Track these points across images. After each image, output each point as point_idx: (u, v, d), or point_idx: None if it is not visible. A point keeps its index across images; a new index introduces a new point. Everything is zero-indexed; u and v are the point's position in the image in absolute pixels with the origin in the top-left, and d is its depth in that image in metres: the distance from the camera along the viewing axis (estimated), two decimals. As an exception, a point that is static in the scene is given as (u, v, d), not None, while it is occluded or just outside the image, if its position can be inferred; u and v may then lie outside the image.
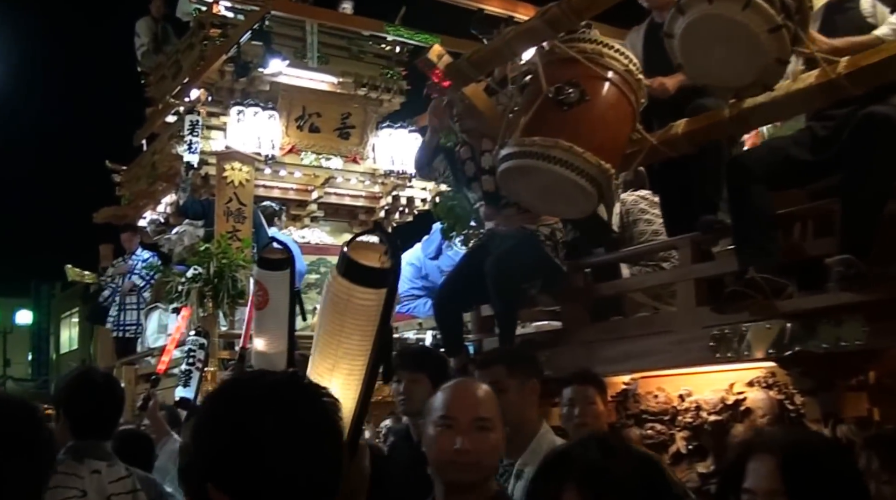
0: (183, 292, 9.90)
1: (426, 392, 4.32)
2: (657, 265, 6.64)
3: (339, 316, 2.41)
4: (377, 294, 2.37)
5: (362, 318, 2.40)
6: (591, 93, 5.20)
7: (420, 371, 4.60)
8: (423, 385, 4.48)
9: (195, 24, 12.75)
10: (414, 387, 4.55)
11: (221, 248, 9.88)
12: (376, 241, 2.47)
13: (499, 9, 7.93)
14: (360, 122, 12.93)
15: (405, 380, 4.63)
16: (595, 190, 5.17)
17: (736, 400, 5.53)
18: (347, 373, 2.35)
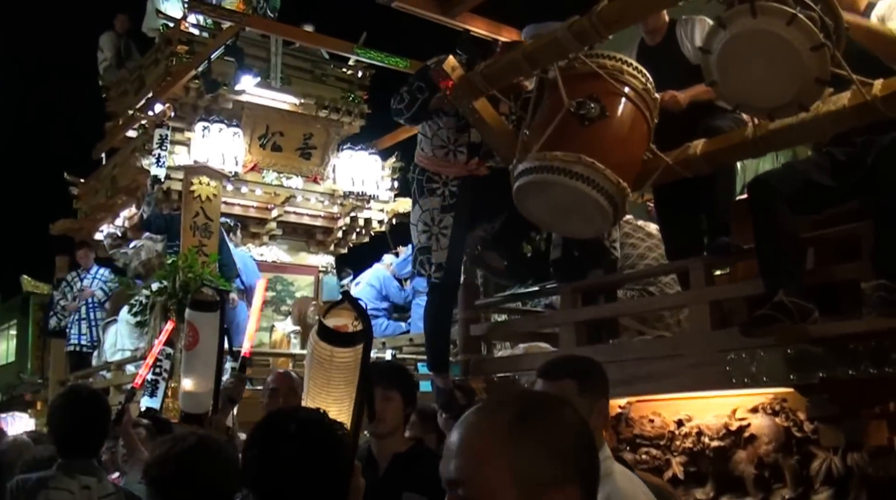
0: (147, 306, 9.34)
1: (398, 412, 4.05)
2: (644, 290, 6.32)
3: (325, 372, 3.01)
4: (355, 351, 2.96)
5: (345, 371, 2.98)
6: (611, 109, 4.87)
7: (393, 388, 4.03)
8: (396, 404, 4.02)
9: (161, 39, 12.26)
10: (386, 405, 3.95)
11: (188, 262, 9.34)
12: (347, 307, 3.09)
13: (484, 30, 7.55)
14: (321, 143, 12.50)
15: (377, 399, 3.86)
16: (612, 209, 4.83)
17: (739, 426, 5.21)
18: (336, 413, 2.84)
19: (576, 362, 3.35)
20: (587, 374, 3.14)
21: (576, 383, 3.05)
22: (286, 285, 12.56)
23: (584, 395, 3.01)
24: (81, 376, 11.65)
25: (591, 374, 3.16)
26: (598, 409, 3.15)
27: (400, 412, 4.02)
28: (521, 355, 6.22)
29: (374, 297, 12.32)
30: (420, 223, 5.94)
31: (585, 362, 3.28)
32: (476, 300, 6.53)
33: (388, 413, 3.94)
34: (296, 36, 11.06)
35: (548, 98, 5.06)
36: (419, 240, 5.93)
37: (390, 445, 4.00)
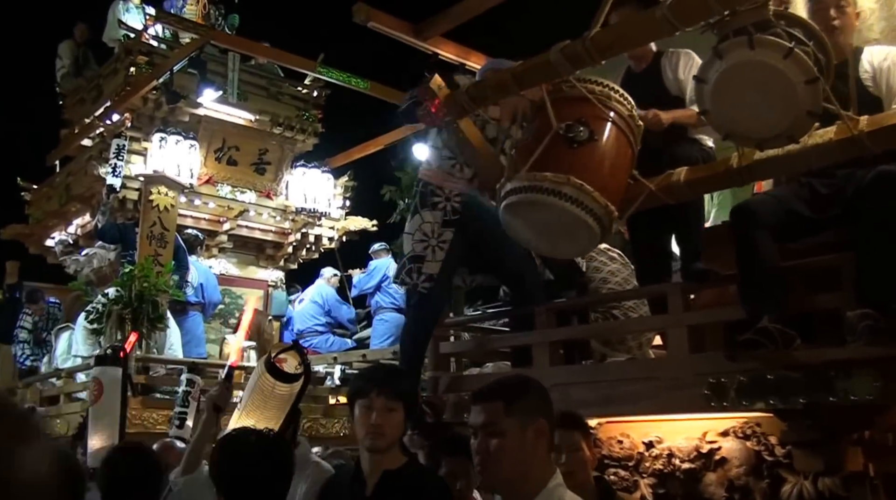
0: (104, 314, 9.02)
1: (399, 425, 3.63)
2: (607, 312, 6.22)
3: (264, 398, 3.77)
4: (292, 387, 3.82)
5: (281, 401, 3.80)
6: (599, 133, 4.78)
7: (397, 399, 3.59)
8: (398, 416, 3.59)
9: (121, 50, 11.93)
10: (388, 418, 3.55)
11: (144, 272, 9.06)
12: (293, 351, 4.01)
13: (453, 55, 7.44)
14: (276, 159, 12.29)
15: (378, 409, 3.54)
16: (599, 230, 4.72)
17: (710, 449, 5.13)
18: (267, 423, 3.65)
19: (507, 383, 3.03)
20: (518, 395, 2.84)
21: (503, 403, 2.77)
22: (235, 299, 12.28)
23: (512, 415, 2.73)
24: (30, 384, 11.22)
25: (522, 395, 2.86)
26: (535, 429, 2.75)
27: (401, 426, 3.65)
28: (489, 374, 6.07)
29: (318, 313, 12.20)
30: (418, 233, 5.78)
31: (518, 383, 2.97)
32: (446, 318, 6.39)
33: (388, 426, 3.55)
34: (260, 52, 10.85)
35: (537, 119, 4.95)
36: (413, 249, 5.76)
37: (384, 461, 3.59)
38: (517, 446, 2.71)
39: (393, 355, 9.64)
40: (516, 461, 2.72)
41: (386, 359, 9.62)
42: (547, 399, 2.90)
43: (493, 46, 7.69)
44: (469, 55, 7.56)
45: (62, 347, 10.76)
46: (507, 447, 2.71)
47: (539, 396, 2.89)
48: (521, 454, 2.72)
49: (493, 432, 2.72)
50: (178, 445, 6.22)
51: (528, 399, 2.83)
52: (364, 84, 10.51)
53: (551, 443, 2.81)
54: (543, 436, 2.76)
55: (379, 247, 12.46)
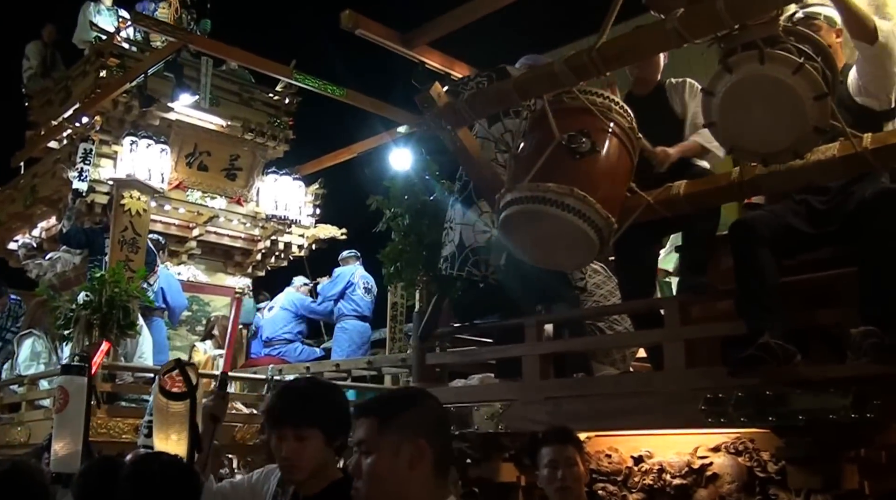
0: (72, 319, 8.81)
1: (317, 452, 3.25)
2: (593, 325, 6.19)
3: (164, 417, 4.14)
4: (184, 404, 4.07)
5: (179, 419, 4.07)
6: (601, 145, 4.75)
7: (310, 426, 3.24)
8: (314, 443, 3.23)
9: (91, 52, 11.70)
10: (300, 448, 3.22)
11: (115, 277, 8.86)
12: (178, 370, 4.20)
13: (438, 64, 7.40)
14: (247, 165, 12.13)
15: (288, 440, 3.24)
16: (599, 242, 4.69)
17: (702, 465, 5.11)
18: (176, 442, 4.05)
19: (389, 396, 2.71)
20: (396, 411, 2.53)
21: (377, 419, 2.49)
22: (202, 305, 12.09)
23: (385, 434, 2.46)
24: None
25: (401, 411, 2.53)
26: (413, 450, 2.45)
27: (319, 452, 3.24)
28: (476, 386, 6.01)
29: (288, 320, 12.05)
30: (479, 223, 5.78)
31: (401, 398, 2.67)
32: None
33: (302, 458, 3.22)
34: (237, 57, 10.69)
35: (537, 130, 4.90)
36: (475, 240, 5.76)
37: (305, 487, 3.34)
38: (388, 467, 2.45)
39: (367, 364, 9.55)
40: (388, 484, 2.45)
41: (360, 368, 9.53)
42: (436, 417, 2.59)
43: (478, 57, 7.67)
44: (454, 65, 7.52)
45: (25, 353, 10.49)
46: (378, 468, 2.46)
47: (425, 413, 2.55)
48: (393, 477, 2.45)
49: (366, 450, 2.49)
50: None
51: (407, 416, 2.52)
52: (340, 91, 10.41)
53: (439, 467, 2.50)
54: (423, 458, 2.45)
55: (348, 254, 12.34)
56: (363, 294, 11.78)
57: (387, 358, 9.97)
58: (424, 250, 6.36)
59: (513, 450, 5.73)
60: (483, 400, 5.75)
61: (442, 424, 2.65)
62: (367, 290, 11.89)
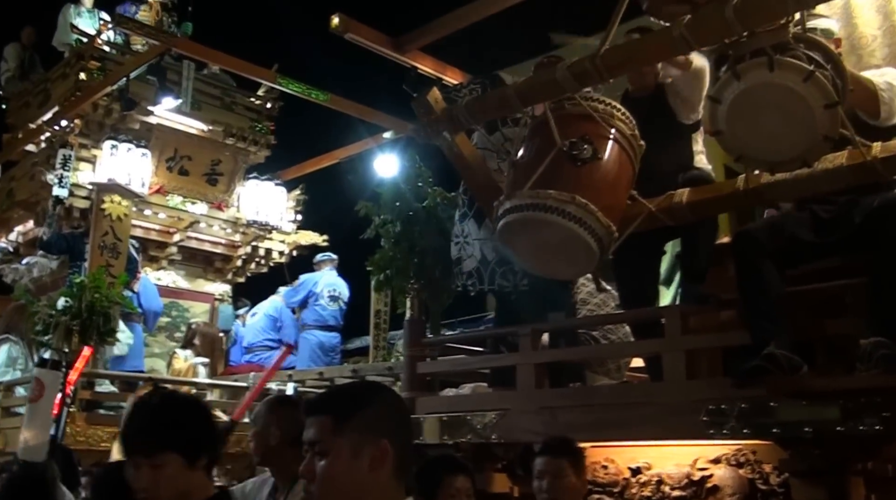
0: (51, 325, 8.66)
1: (174, 479, 2.85)
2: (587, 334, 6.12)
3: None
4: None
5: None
6: (602, 152, 4.68)
7: (163, 451, 2.85)
8: (171, 470, 2.84)
9: (72, 54, 11.54)
10: (154, 476, 2.84)
11: (95, 282, 8.72)
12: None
13: (430, 69, 7.31)
14: (228, 170, 12.02)
15: (141, 468, 2.86)
16: (599, 251, 4.61)
17: (702, 476, 5.03)
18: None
19: (345, 393, 2.42)
20: (353, 409, 2.27)
21: (332, 418, 2.24)
22: (182, 312, 11.94)
23: (342, 433, 2.21)
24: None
25: (360, 408, 2.27)
26: (374, 452, 2.21)
27: (177, 478, 2.84)
28: (468, 395, 5.92)
29: (270, 327, 11.91)
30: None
31: (359, 394, 2.36)
32: (422, 337, 6.23)
33: (158, 487, 2.83)
34: (219, 61, 10.56)
35: (537, 136, 4.82)
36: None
37: None
38: (346, 470, 2.21)
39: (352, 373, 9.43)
40: (345, 487, 2.21)
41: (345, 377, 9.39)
42: (398, 415, 2.35)
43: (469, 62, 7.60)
44: (446, 70, 7.43)
45: (0, 359, 10.31)
46: (334, 470, 2.21)
47: (387, 410, 2.32)
48: (351, 479, 2.21)
49: (320, 451, 2.23)
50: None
51: (367, 414, 2.27)
52: (323, 96, 10.30)
53: (400, 468, 2.26)
54: (385, 460, 2.23)
55: (322, 258, 12.17)
56: (328, 303, 11.60)
57: (372, 366, 9.83)
58: (416, 257, 6.27)
59: (506, 460, 5.64)
60: (476, 410, 5.66)
61: (403, 422, 2.41)
62: (334, 298, 11.72)
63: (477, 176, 5.34)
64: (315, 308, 11.50)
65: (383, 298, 11.06)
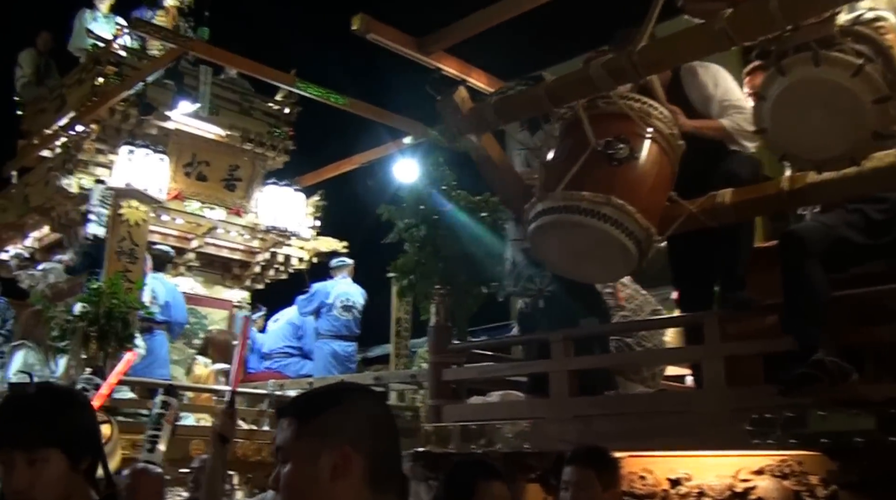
0: (68, 331, 8.57)
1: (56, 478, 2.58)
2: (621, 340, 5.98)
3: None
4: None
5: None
6: (639, 151, 4.53)
7: (45, 447, 2.56)
8: (52, 468, 2.55)
9: (88, 59, 11.47)
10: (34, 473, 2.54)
11: (113, 288, 8.62)
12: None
13: (455, 71, 7.15)
14: (247, 175, 11.91)
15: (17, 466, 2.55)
16: (637, 254, 4.46)
17: (745, 488, 4.87)
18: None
19: (310, 395, 2.22)
20: (314, 412, 2.09)
21: (295, 421, 2.08)
22: (200, 319, 11.83)
23: (301, 437, 2.05)
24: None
25: (321, 411, 2.09)
26: (335, 458, 2.01)
27: (62, 479, 2.58)
28: (496, 403, 5.77)
29: (290, 335, 11.82)
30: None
31: (322, 396, 2.17)
32: (448, 343, 6.09)
33: (35, 488, 2.53)
34: (238, 64, 10.44)
35: (570, 135, 4.68)
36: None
37: None
38: (305, 478, 2.03)
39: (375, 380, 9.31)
40: (305, 497, 2.04)
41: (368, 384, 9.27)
42: (368, 419, 2.10)
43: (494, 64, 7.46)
44: (471, 72, 7.27)
45: (16, 365, 10.24)
46: (293, 478, 2.04)
47: (352, 414, 2.11)
48: (312, 489, 2.02)
49: (283, 458, 2.07)
50: (154, 470, 5.87)
51: (329, 417, 2.08)
52: (342, 100, 10.19)
53: (375, 479, 2.04)
54: (349, 468, 2.02)
55: (338, 263, 12.08)
56: (340, 313, 11.51)
57: (395, 374, 9.73)
58: (441, 261, 6.13)
59: (539, 470, 5.50)
60: (506, 418, 5.52)
61: (377, 428, 2.12)
62: (347, 307, 11.62)
63: (504, 177, 5.19)
64: (328, 318, 11.41)
65: (404, 305, 10.97)
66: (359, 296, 11.69)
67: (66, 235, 11.03)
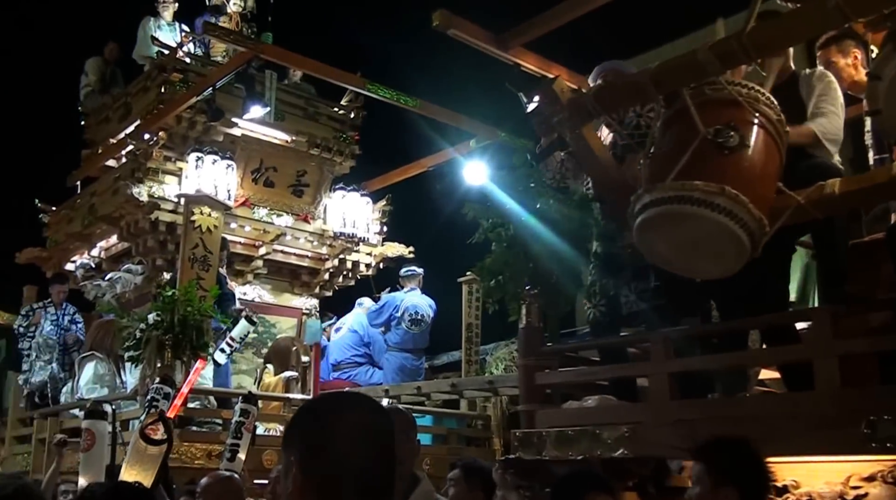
0: (142, 340, 8.52)
1: None
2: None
3: (139, 456, 5.13)
4: (160, 448, 5.15)
5: (151, 460, 5.09)
6: (750, 139, 4.35)
7: None
8: None
9: (152, 67, 11.51)
10: None
11: (187, 295, 8.58)
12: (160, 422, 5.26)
13: (534, 67, 7.04)
14: (314, 181, 11.85)
15: None
16: (750, 246, 4.28)
17: (856, 496, 4.64)
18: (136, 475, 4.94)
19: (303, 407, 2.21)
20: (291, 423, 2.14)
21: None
22: (268, 327, 11.79)
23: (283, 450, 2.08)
24: (48, 414, 10.70)
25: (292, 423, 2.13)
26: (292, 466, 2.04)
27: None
28: (595, 407, 5.59)
29: (356, 343, 11.74)
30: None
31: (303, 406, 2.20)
32: (541, 345, 5.93)
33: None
34: (309, 67, 10.40)
35: (676, 124, 4.52)
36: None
37: None
38: (283, 493, 2.05)
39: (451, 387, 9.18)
40: None
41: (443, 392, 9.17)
42: (315, 425, 2.06)
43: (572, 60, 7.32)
44: (550, 67, 7.14)
45: (87, 376, 10.25)
46: (282, 490, 2.07)
47: (305, 423, 2.10)
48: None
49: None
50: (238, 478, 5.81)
51: (292, 429, 2.11)
52: (413, 102, 10.10)
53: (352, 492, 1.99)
54: (296, 486, 2.01)
55: (408, 273, 12.02)
56: (409, 326, 11.45)
57: (471, 380, 9.60)
58: (531, 261, 5.98)
59: (638, 478, 5.33)
60: (604, 423, 5.35)
61: (318, 431, 2.04)
62: (415, 321, 11.55)
63: (605, 170, 5.03)
64: (397, 331, 11.34)
65: (473, 310, 10.83)
66: (428, 308, 11.60)
67: (134, 244, 11.03)
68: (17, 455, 11.38)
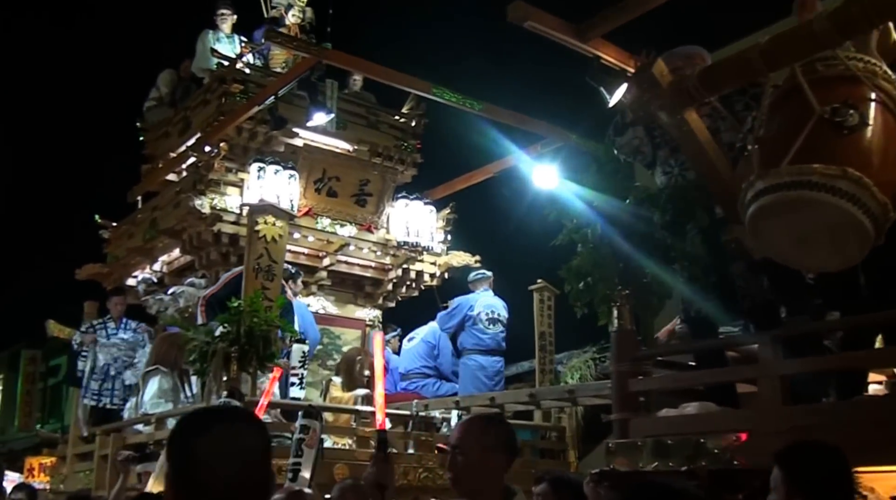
0: (208, 353, 8.28)
1: None
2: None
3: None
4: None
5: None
6: (868, 117, 3.99)
7: None
8: None
9: (212, 79, 11.37)
10: None
11: (253, 306, 8.33)
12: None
13: (614, 58, 6.70)
14: (377, 190, 11.59)
15: None
16: (875, 234, 3.91)
17: None
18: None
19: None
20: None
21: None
22: (333, 339, 11.54)
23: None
24: (111, 430, 10.52)
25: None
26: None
27: None
28: (695, 415, 5.22)
29: (427, 354, 11.41)
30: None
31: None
32: (635, 349, 5.58)
33: None
34: (375, 73, 10.10)
35: (788, 105, 4.17)
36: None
37: None
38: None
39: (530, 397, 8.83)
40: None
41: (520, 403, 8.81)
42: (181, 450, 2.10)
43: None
44: (629, 60, 6.79)
45: (151, 391, 10.03)
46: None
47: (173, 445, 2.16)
48: None
49: None
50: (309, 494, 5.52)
51: (167, 447, 2.21)
52: (479, 105, 9.80)
53: None
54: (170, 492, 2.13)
55: (477, 277, 11.65)
56: (486, 326, 11.05)
57: (549, 390, 9.25)
58: (621, 261, 5.63)
59: (749, 490, 4.94)
60: (707, 431, 4.98)
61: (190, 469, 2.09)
62: (493, 320, 11.16)
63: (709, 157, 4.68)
64: (473, 332, 10.96)
65: (546, 319, 10.48)
66: (503, 309, 11.26)
67: (196, 257, 10.85)
68: (78, 473, 11.23)
